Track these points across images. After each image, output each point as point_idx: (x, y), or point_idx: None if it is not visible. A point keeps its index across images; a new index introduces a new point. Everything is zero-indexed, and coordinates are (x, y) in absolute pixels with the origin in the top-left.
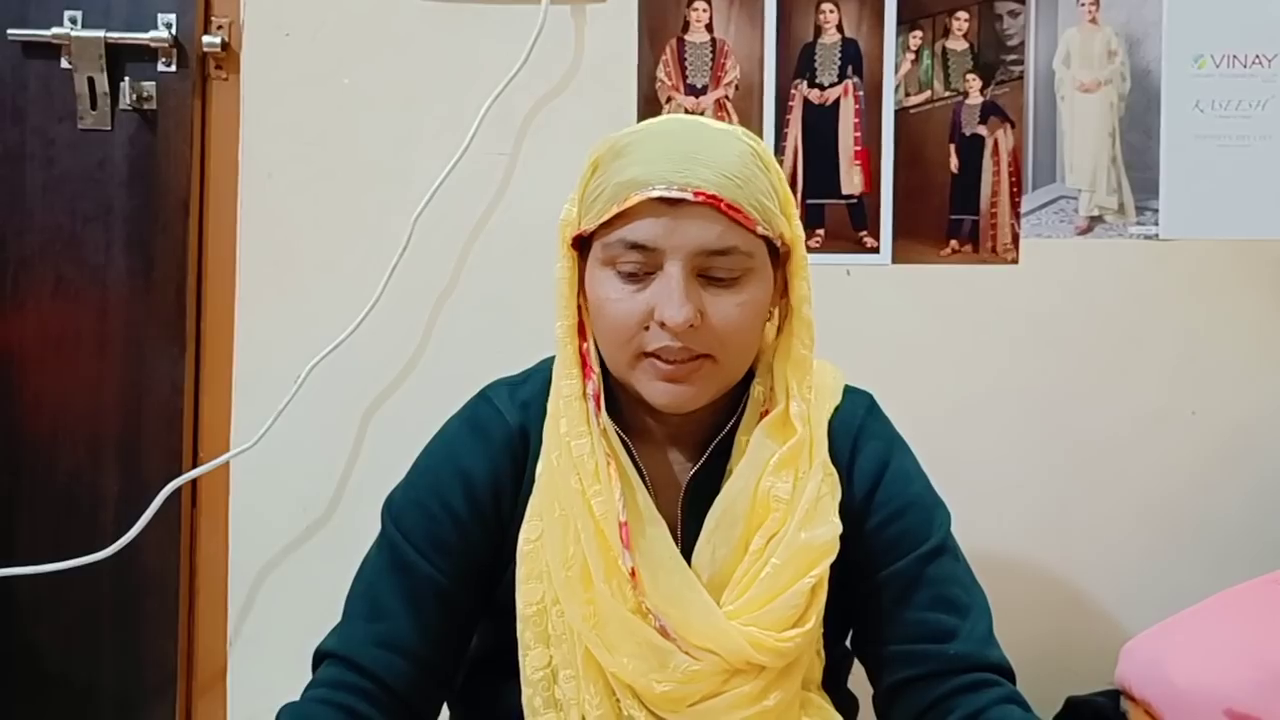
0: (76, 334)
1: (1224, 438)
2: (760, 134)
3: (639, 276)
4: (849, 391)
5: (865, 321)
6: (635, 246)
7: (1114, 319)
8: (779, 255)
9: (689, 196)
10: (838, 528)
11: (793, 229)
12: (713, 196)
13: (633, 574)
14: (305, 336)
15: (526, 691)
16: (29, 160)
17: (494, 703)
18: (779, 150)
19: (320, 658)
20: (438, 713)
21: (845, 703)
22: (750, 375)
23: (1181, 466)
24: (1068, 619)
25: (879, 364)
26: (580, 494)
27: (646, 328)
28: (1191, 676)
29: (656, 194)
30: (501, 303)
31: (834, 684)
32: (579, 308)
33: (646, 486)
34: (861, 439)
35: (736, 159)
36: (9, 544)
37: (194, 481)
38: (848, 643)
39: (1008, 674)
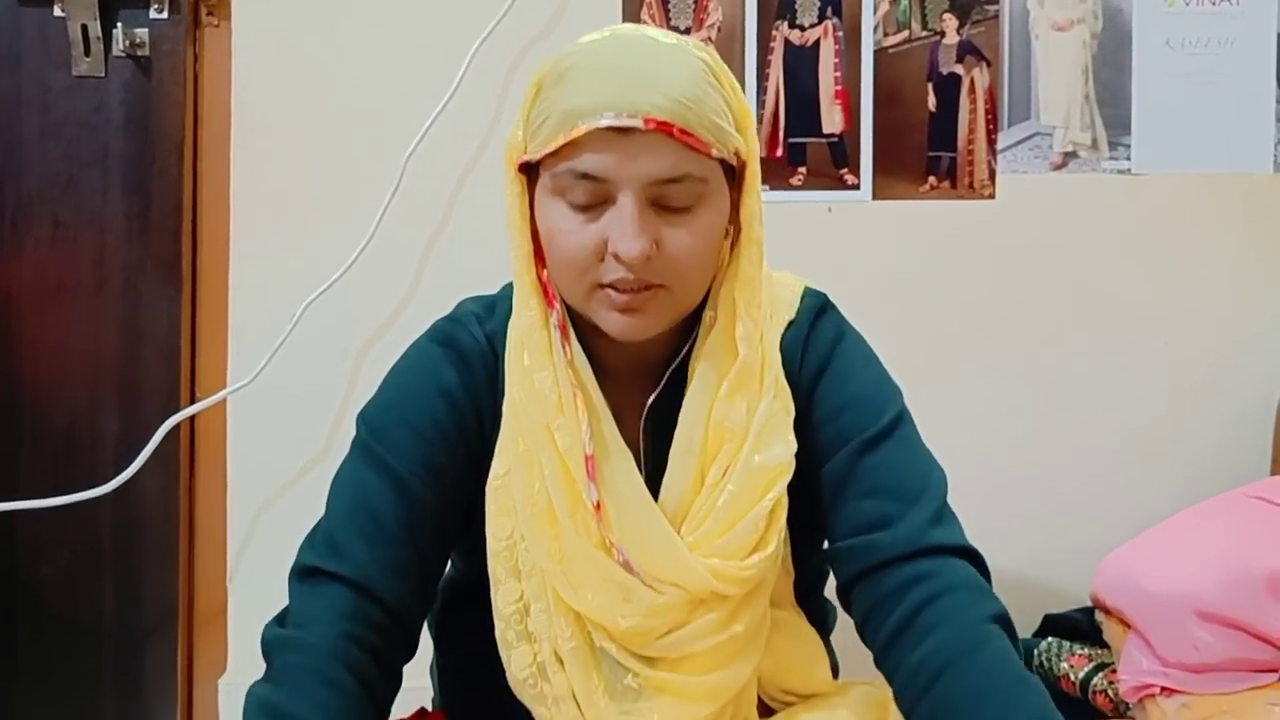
0: (75, 276)
1: (1195, 366)
2: (742, 75)
3: (590, 206)
4: (805, 296)
5: (846, 257)
6: (585, 177)
7: (1088, 252)
8: (735, 172)
9: (639, 124)
10: (792, 446)
11: (748, 143)
12: (664, 123)
13: (597, 507)
14: (299, 276)
15: (499, 625)
16: (25, 106)
17: (470, 633)
18: (761, 90)
19: (313, 572)
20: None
21: (820, 613)
22: (705, 300)
23: (1154, 395)
24: (1044, 543)
25: (860, 298)
26: (544, 428)
27: (601, 259)
28: (1162, 583)
29: (605, 123)
30: (493, 241)
31: (808, 597)
32: (533, 234)
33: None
34: (808, 347)
35: (688, 78)
36: (11, 482)
37: (192, 420)
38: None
39: (959, 552)
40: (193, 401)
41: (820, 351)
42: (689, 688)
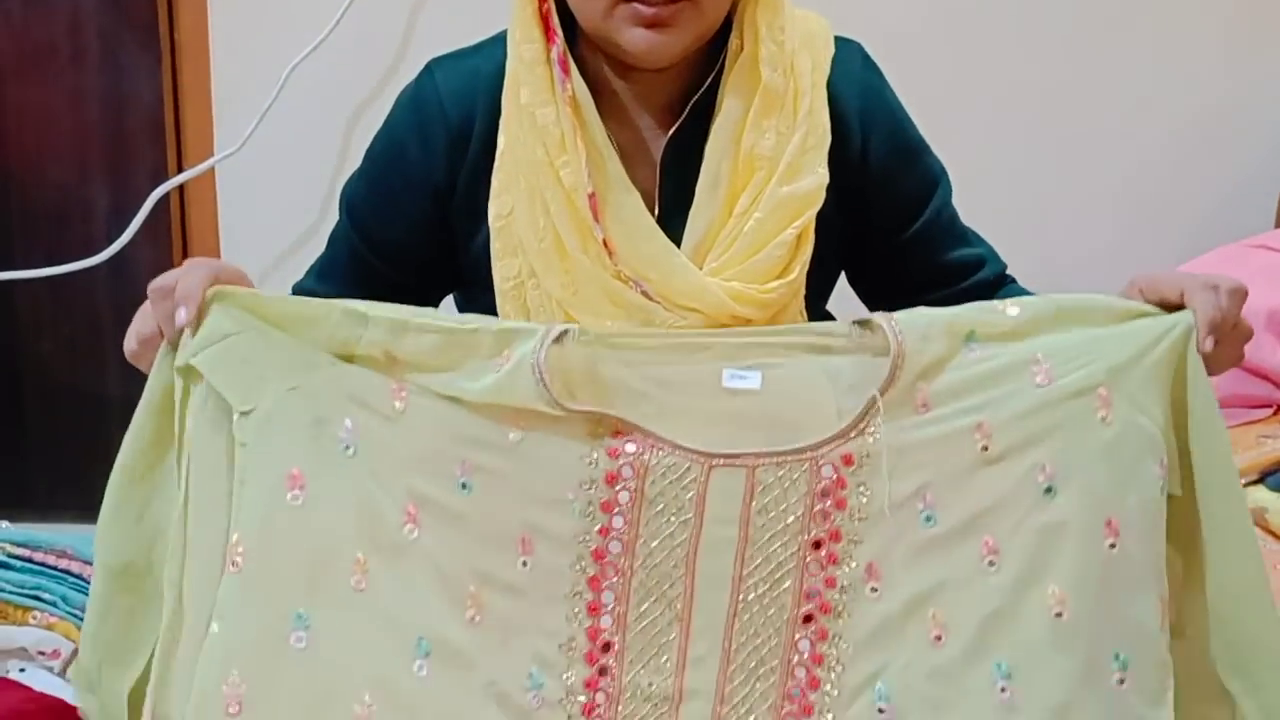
0: (51, 46)
1: (1203, 121)
2: None
3: None
4: (839, 42)
5: (848, 9)
6: None
7: (1090, 3)
8: None
9: None
10: (823, 178)
11: None
12: None
13: (605, 244)
14: (283, 38)
15: None
16: None
17: None
18: None
19: None
20: None
21: None
22: (728, 30)
23: (1158, 152)
24: None
25: None
26: (548, 165)
27: None
28: None
29: None
30: None
31: None
32: None
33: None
34: (868, 93)
35: None
36: (5, 257)
37: (182, 192)
38: (827, 308)
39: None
40: (180, 171)
41: (885, 101)
42: None
